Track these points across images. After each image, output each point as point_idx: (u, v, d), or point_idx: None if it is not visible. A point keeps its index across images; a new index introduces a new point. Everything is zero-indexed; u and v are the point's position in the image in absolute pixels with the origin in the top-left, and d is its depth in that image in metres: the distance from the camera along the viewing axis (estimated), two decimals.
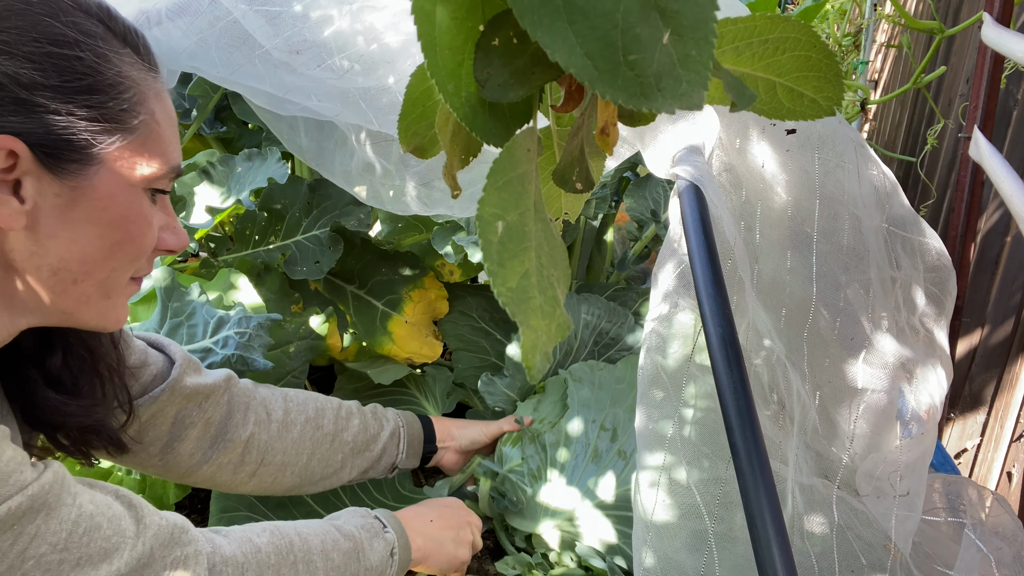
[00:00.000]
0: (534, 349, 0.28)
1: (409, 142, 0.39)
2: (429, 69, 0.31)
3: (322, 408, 1.08)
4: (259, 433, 1.00)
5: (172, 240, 0.73)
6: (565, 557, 1.16)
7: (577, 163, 0.34)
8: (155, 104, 0.67)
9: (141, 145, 0.65)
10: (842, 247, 0.69)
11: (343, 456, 1.08)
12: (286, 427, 1.03)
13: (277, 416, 1.03)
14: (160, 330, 1.24)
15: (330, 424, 1.08)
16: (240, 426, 0.98)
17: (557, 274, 0.30)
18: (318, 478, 1.07)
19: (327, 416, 1.08)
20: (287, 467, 1.03)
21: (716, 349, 0.45)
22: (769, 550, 0.42)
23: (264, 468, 1.01)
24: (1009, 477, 1.27)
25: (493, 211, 0.28)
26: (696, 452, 0.60)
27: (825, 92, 0.36)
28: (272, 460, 1.01)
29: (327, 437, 1.07)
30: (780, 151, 0.67)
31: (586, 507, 1.16)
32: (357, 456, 1.10)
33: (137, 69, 0.66)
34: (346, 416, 1.11)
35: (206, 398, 0.95)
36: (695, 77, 0.26)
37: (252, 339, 1.19)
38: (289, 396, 1.07)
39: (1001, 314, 1.33)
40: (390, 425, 1.16)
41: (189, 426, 0.94)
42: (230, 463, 0.98)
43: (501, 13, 0.30)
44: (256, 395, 1.03)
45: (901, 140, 2.45)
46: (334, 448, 1.07)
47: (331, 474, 1.08)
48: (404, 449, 1.17)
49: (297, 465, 1.04)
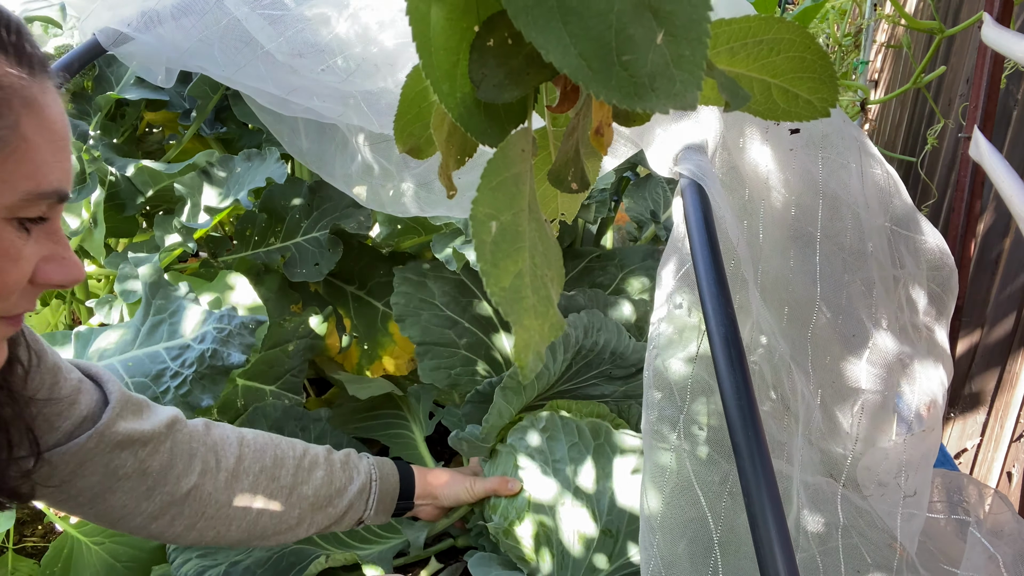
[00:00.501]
0: (527, 348, 0.28)
1: (405, 143, 0.39)
2: (424, 70, 0.31)
3: (282, 457, 0.97)
4: (204, 484, 0.89)
5: (58, 274, 0.61)
6: None
7: (572, 163, 0.34)
8: (24, 114, 0.55)
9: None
10: (846, 246, 0.69)
11: (300, 512, 0.98)
12: (236, 477, 0.92)
13: (227, 464, 0.92)
14: (141, 327, 1.24)
15: (288, 476, 0.97)
16: (182, 477, 0.88)
17: (551, 274, 0.30)
18: (270, 533, 0.96)
19: (286, 466, 0.97)
20: (232, 521, 0.92)
21: (718, 348, 0.45)
22: (771, 549, 0.42)
23: (206, 522, 0.90)
24: (1009, 477, 1.27)
25: (487, 211, 0.28)
26: (704, 454, 0.60)
27: (820, 93, 0.36)
28: (215, 514, 0.91)
29: (283, 490, 0.96)
30: (783, 150, 0.67)
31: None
32: (317, 512, 0.99)
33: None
34: (309, 467, 0.99)
35: (143, 446, 0.84)
36: (689, 77, 0.26)
37: (231, 335, 1.18)
38: (246, 441, 0.96)
39: (1001, 314, 1.33)
40: (360, 480, 1.04)
41: (123, 477, 0.83)
42: (165, 516, 0.88)
43: (496, 14, 0.30)
44: (207, 440, 0.92)
45: (901, 140, 2.45)
46: (291, 503, 0.97)
47: (285, 530, 0.97)
48: (373, 506, 1.06)
49: (245, 520, 0.93)
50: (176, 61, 0.98)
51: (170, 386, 1.15)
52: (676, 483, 0.61)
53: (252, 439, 0.97)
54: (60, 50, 1.66)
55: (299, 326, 1.49)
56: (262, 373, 1.44)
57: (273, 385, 1.44)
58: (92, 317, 1.55)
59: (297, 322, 1.50)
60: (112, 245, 1.83)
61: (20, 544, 1.52)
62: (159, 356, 1.19)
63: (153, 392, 1.14)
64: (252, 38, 0.90)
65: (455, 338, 1.42)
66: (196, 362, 1.15)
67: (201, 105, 1.72)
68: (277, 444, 0.99)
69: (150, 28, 0.93)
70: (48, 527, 1.58)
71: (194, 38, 0.93)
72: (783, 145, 0.67)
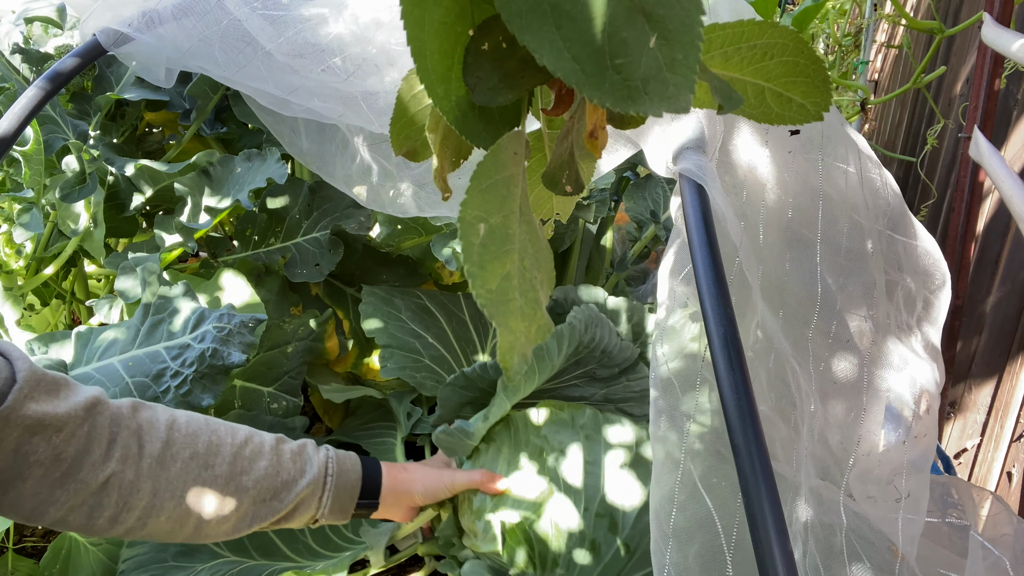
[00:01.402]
0: (511, 351, 0.28)
1: (401, 146, 0.39)
2: (419, 73, 0.31)
3: (218, 444, 0.89)
4: (123, 471, 0.81)
5: None
6: None
7: (567, 166, 0.34)
8: None
9: None
10: (846, 249, 0.69)
11: (240, 504, 0.89)
12: (161, 464, 0.84)
13: (152, 450, 0.84)
14: (141, 327, 1.24)
15: (224, 465, 0.88)
16: (99, 464, 0.80)
17: (541, 277, 0.30)
18: (206, 527, 0.88)
19: (222, 454, 0.88)
20: (158, 512, 0.84)
21: (717, 348, 0.45)
22: (771, 549, 0.42)
23: (127, 513, 0.82)
24: (1009, 477, 1.27)
25: (476, 213, 0.28)
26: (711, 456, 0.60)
27: (813, 97, 0.36)
28: (137, 504, 0.82)
29: (218, 480, 0.87)
30: (781, 152, 0.67)
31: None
32: (260, 505, 0.90)
33: None
34: (251, 456, 0.90)
35: (57, 431, 0.77)
36: (681, 80, 0.26)
37: (231, 335, 1.18)
38: (177, 424, 0.88)
39: (1001, 314, 1.33)
40: (312, 473, 0.94)
41: (34, 463, 0.76)
42: (83, 506, 0.80)
43: (490, 18, 0.31)
44: (131, 423, 0.84)
45: (901, 140, 2.45)
46: (227, 494, 0.88)
47: (222, 524, 0.89)
48: (328, 504, 0.96)
49: (174, 511, 0.85)
50: (176, 61, 0.98)
51: (170, 386, 1.15)
52: (682, 485, 0.61)
53: (185, 423, 0.88)
54: (60, 50, 1.66)
55: (298, 328, 1.50)
56: (260, 375, 1.44)
57: (271, 387, 1.44)
58: (92, 317, 1.56)
59: (296, 324, 1.50)
60: (112, 245, 1.83)
61: (20, 544, 1.52)
62: (159, 356, 1.19)
63: (154, 392, 1.14)
64: (252, 38, 0.90)
65: (420, 348, 1.42)
66: (196, 361, 1.16)
67: (201, 105, 1.72)
68: (214, 430, 0.90)
69: (150, 28, 0.93)
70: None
71: (194, 38, 0.93)
72: (781, 147, 0.67)
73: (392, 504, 1.03)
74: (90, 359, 1.24)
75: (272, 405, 1.41)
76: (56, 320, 1.68)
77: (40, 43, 1.75)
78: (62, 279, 1.73)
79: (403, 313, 1.45)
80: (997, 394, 1.34)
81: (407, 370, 1.35)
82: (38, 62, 1.57)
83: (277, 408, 1.41)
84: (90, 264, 1.75)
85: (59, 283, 1.73)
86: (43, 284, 1.65)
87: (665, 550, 0.57)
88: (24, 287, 1.58)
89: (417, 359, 1.39)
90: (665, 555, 0.56)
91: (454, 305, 1.55)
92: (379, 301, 1.45)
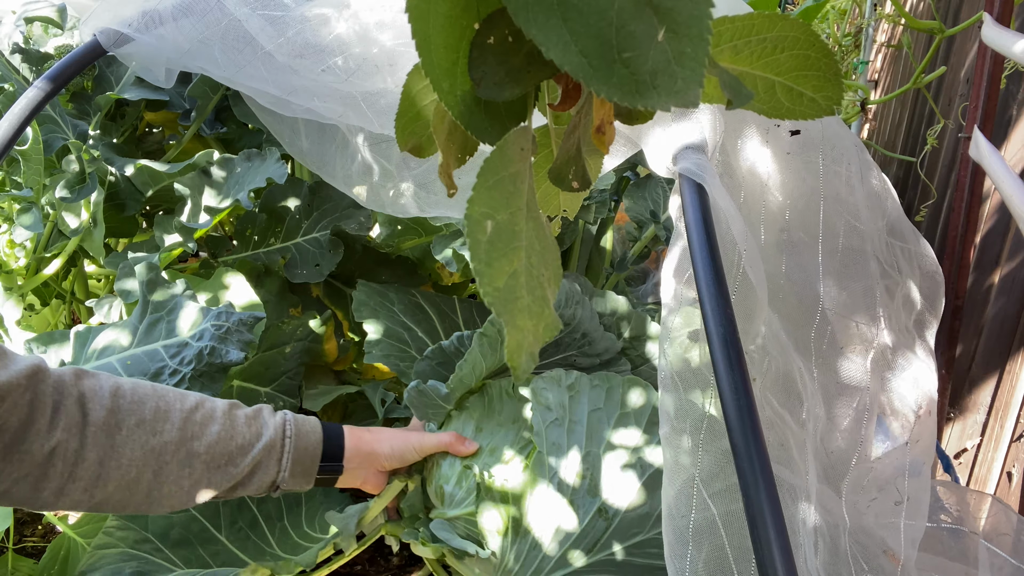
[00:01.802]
0: (519, 349, 0.28)
1: (406, 141, 0.39)
2: (424, 68, 0.31)
3: (166, 410, 0.86)
4: (68, 440, 0.79)
5: None
6: None
7: (574, 162, 0.34)
8: None
9: None
10: (846, 250, 0.69)
11: (192, 471, 0.85)
12: (108, 431, 0.81)
13: (96, 417, 0.81)
14: (139, 325, 1.24)
15: (174, 430, 0.85)
16: (43, 434, 0.77)
17: (548, 274, 0.30)
18: (158, 496, 0.85)
19: (171, 419, 0.85)
20: (106, 482, 0.81)
21: (717, 348, 0.44)
22: (770, 549, 0.42)
23: (74, 484, 0.79)
24: (1009, 477, 1.27)
25: (482, 210, 0.28)
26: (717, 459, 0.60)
27: (824, 91, 0.36)
28: (83, 474, 0.79)
29: (168, 447, 0.84)
30: (780, 153, 0.67)
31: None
32: (215, 472, 0.87)
33: None
34: (202, 421, 0.87)
35: (0, 400, 0.75)
36: (690, 74, 0.26)
37: (230, 332, 1.17)
38: (122, 391, 0.84)
39: (1001, 314, 1.33)
40: (268, 435, 0.91)
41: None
42: (28, 477, 0.77)
43: (496, 11, 0.30)
44: (75, 391, 0.81)
45: (901, 140, 2.45)
46: (178, 461, 0.84)
47: (176, 492, 0.85)
48: (288, 467, 0.92)
49: (123, 479, 0.81)
50: (176, 62, 0.98)
51: (168, 384, 1.15)
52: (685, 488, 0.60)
53: (130, 389, 0.85)
54: (60, 50, 1.66)
55: (297, 329, 1.49)
56: (258, 374, 1.44)
57: (268, 387, 1.43)
58: (92, 317, 1.55)
59: (295, 325, 1.50)
60: (112, 245, 1.83)
61: (20, 544, 1.52)
62: (157, 354, 1.19)
63: None
64: (252, 39, 0.90)
65: (409, 340, 1.39)
66: (194, 359, 1.15)
67: (201, 105, 1.72)
68: (162, 396, 0.87)
69: (150, 29, 0.93)
70: (48, 527, 1.58)
71: (195, 39, 0.93)
72: (780, 148, 0.67)
73: (357, 467, 0.99)
74: (89, 358, 1.23)
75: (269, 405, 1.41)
76: (56, 320, 1.68)
77: (40, 43, 1.75)
78: (62, 279, 1.73)
79: (396, 305, 1.44)
80: (997, 394, 1.33)
81: (391, 358, 1.31)
82: (38, 62, 1.57)
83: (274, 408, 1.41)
84: (90, 264, 1.75)
85: (59, 283, 1.72)
86: (43, 284, 1.65)
87: (685, 554, 0.57)
88: (24, 287, 1.57)
89: (404, 349, 1.36)
90: (685, 558, 0.56)
91: (448, 307, 1.55)
92: (373, 292, 1.45)
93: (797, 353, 0.66)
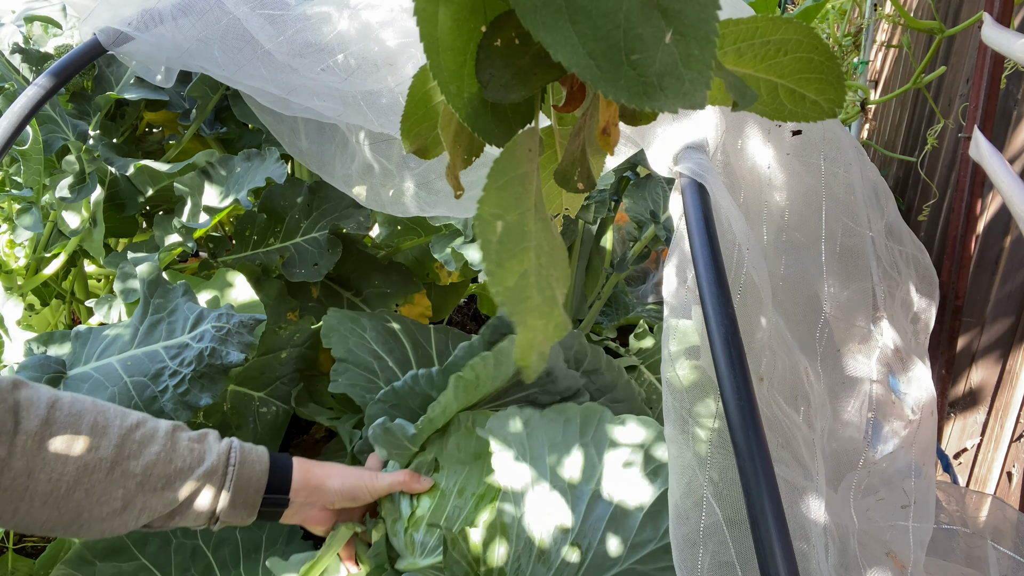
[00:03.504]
0: (530, 348, 0.28)
1: (412, 143, 0.39)
2: (431, 70, 0.31)
3: (104, 425, 0.82)
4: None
5: None
6: None
7: (579, 163, 0.34)
8: None
9: None
10: (847, 250, 0.69)
11: (126, 492, 0.81)
12: (39, 442, 0.77)
13: (29, 426, 0.77)
14: (140, 326, 1.24)
15: (110, 447, 0.80)
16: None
17: (556, 274, 0.30)
18: (89, 517, 0.80)
19: (109, 435, 0.81)
20: (32, 495, 0.76)
21: (718, 348, 0.45)
22: (771, 550, 0.42)
23: (2, 494, 0.75)
24: (1009, 477, 1.27)
25: (493, 211, 0.28)
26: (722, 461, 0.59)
27: (827, 94, 0.36)
28: (11, 485, 0.75)
29: (103, 463, 0.80)
30: (781, 154, 0.67)
31: None
32: (150, 495, 0.82)
33: None
34: (141, 440, 0.83)
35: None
36: (697, 76, 0.26)
37: (230, 334, 1.17)
38: (60, 404, 0.80)
39: (1001, 313, 1.33)
40: (210, 461, 0.87)
41: None
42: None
43: (503, 14, 0.30)
44: (10, 399, 0.77)
45: (901, 140, 2.45)
46: (112, 480, 0.80)
47: (108, 514, 0.80)
48: (228, 497, 0.87)
49: (51, 494, 0.77)
50: (176, 61, 0.98)
51: (168, 385, 1.15)
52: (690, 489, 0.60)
53: (69, 402, 0.81)
54: (60, 50, 1.66)
55: (294, 334, 1.49)
56: (252, 379, 1.43)
57: (262, 392, 1.42)
58: (92, 317, 1.55)
59: (292, 330, 1.49)
60: (112, 245, 1.83)
61: (20, 544, 1.52)
62: (158, 355, 1.19)
63: (152, 391, 1.14)
64: (252, 38, 0.90)
65: (378, 370, 1.32)
66: (195, 361, 1.15)
67: (201, 105, 1.72)
68: (102, 411, 0.83)
69: (150, 28, 0.93)
70: None
71: (194, 38, 0.93)
72: (781, 148, 0.67)
73: (304, 502, 0.95)
74: (89, 359, 1.23)
75: (262, 410, 1.40)
76: (56, 320, 1.68)
77: (40, 43, 1.75)
78: (62, 279, 1.73)
79: (367, 332, 1.37)
80: (997, 394, 1.34)
81: (357, 388, 1.25)
82: (38, 62, 1.57)
83: (267, 413, 1.40)
84: (90, 264, 1.75)
85: (59, 283, 1.72)
86: (43, 284, 1.65)
87: (696, 556, 0.57)
88: (24, 287, 1.57)
89: (372, 380, 1.29)
90: (697, 560, 0.56)
91: (423, 336, 1.47)
92: (344, 318, 1.38)
93: (803, 353, 0.67)
